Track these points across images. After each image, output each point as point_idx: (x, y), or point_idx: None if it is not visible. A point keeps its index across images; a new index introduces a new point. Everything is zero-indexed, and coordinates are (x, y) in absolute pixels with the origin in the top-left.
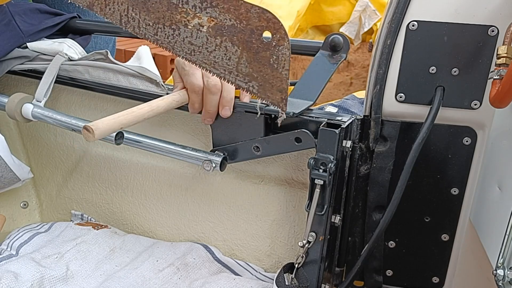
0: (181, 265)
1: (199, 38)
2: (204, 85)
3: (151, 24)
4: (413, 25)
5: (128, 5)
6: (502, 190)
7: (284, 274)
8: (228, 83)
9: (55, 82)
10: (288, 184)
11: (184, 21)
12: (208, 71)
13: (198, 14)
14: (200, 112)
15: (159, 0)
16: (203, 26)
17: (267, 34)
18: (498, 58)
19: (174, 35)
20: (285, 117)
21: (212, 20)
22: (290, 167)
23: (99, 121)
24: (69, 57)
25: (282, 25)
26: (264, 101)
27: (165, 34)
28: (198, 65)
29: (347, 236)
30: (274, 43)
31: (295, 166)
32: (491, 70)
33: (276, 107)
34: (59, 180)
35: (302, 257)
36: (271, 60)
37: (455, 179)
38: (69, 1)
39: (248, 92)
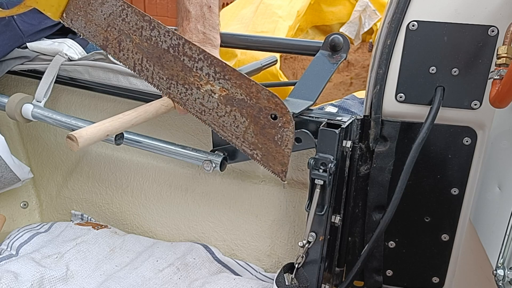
0: (181, 265)
1: (210, 102)
2: None
3: (164, 79)
4: (413, 25)
5: (142, 56)
6: (502, 190)
7: (284, 274)
8: (235, 146)
9: (55, 82)
10: (288, 184)
11: (197, 84)
12: (216, 132)
13: (211, 82)
14: None
15: (174, 60)
16: (215, 93)
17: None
18: (498, 58)
19: (187, 93)
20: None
21: (224, 91)
22: (290, 167)
23: (83, 129)
24: (69, 57)
25: (288, 111)
26: (266, 169)
27: (178, 90)
28: (207, 125)
29: (347, 236)
30: (280, 124)
31: (295, 166)
32: (491, 70)
33: (276, 176)
34: (59, 180)
35: (302, 257)
36: (275, 137)
37: (455, 179)
38: (82, 37)
39: (252, 158)
